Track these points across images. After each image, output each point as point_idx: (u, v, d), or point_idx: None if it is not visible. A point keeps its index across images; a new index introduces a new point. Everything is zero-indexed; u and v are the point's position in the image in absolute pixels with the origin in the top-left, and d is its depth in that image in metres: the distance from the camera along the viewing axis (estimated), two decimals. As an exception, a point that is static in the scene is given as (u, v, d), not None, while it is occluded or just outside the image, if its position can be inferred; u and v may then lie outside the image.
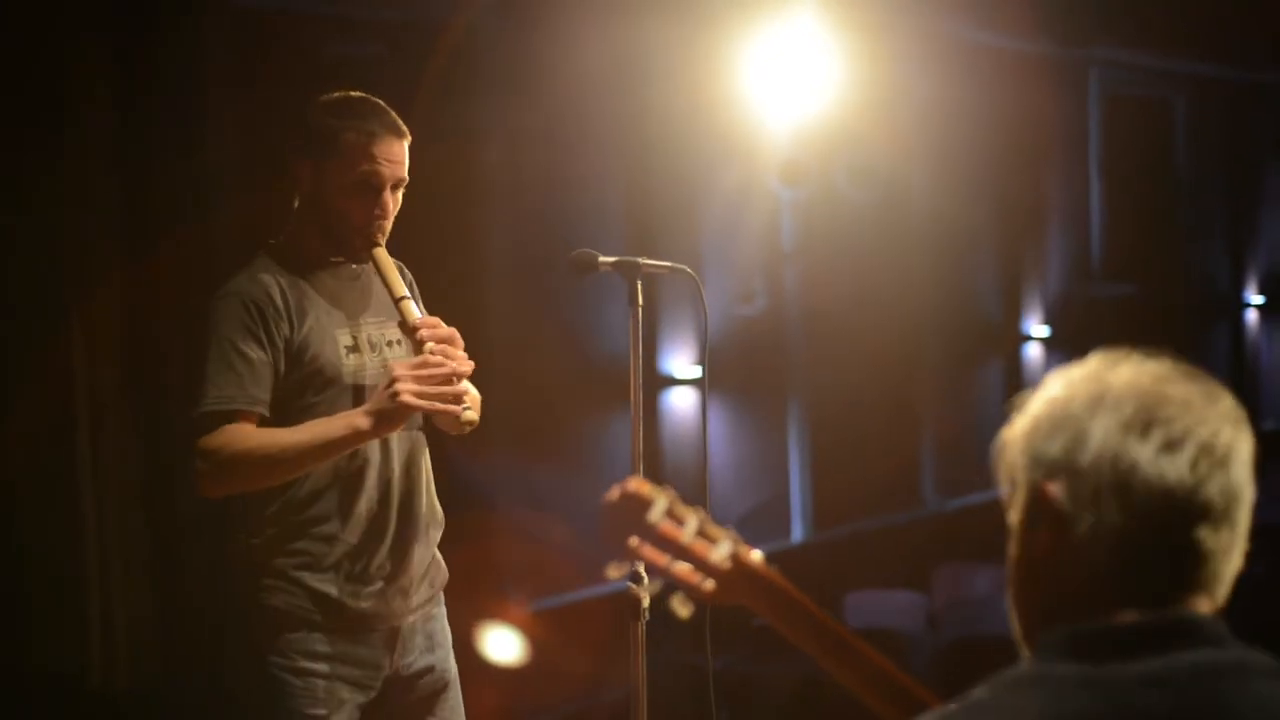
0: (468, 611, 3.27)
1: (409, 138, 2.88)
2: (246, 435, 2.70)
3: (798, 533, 8.31)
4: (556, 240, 6.68)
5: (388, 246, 2.88)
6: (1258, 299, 13.03)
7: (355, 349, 2.85)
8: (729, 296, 7.70)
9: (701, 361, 3.08)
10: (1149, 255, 11.53)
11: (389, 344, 2.91)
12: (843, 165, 7.78)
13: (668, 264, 2.97)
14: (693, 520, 1.47)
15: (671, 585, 1.48)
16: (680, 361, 7.34)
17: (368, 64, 5.52)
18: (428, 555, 2.95)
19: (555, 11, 6.32)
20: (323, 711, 2.80)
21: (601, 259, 2.92)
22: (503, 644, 4.80)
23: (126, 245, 4.69)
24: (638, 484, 1.47)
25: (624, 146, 7.10)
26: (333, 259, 2.88)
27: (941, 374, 9.36)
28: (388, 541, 2.85)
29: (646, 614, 2.81)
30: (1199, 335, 12.21)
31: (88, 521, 4.54)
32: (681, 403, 7.44)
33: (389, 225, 2.86)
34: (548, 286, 6.40)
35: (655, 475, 6.19)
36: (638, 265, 2.91)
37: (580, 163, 6.84)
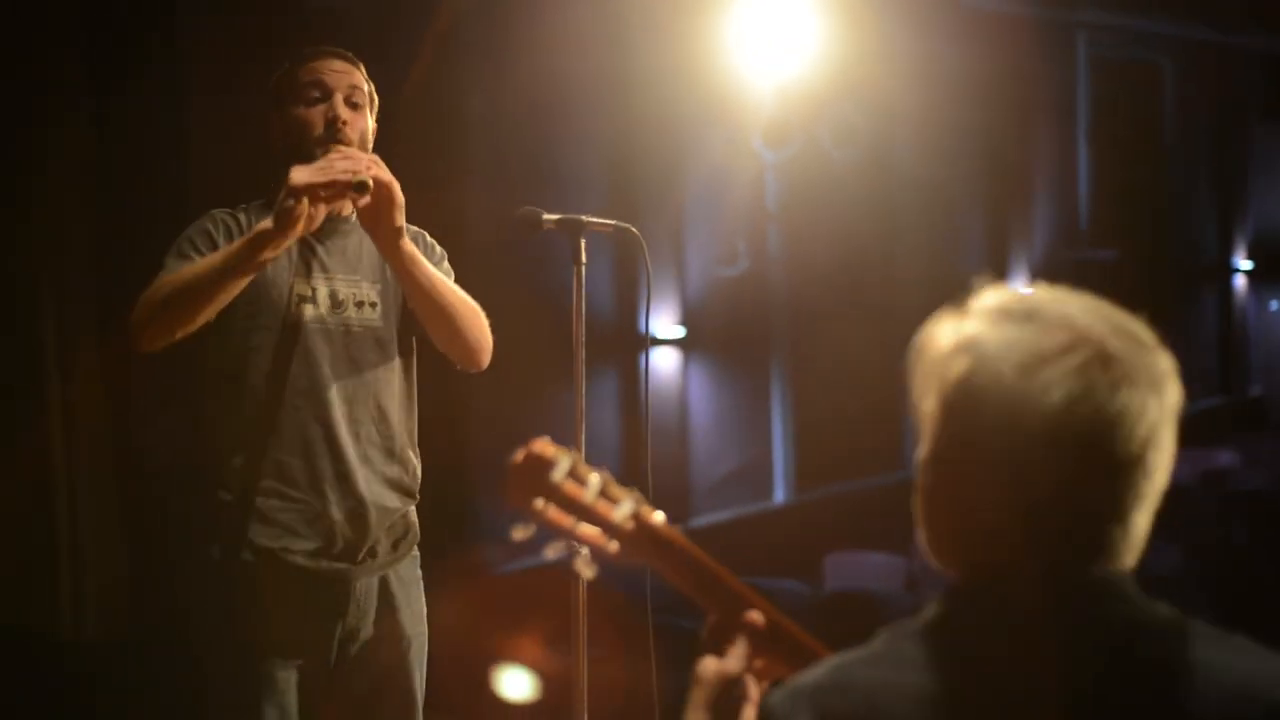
0: (441, 571, 3.20)
1: (359, 66, 2.88)
2: (171, 275, 2.69)
3: (779, 494, 8.33)
4: (538, 203, 6.63)
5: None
6: (1246, 264, 12.99)
7: (312, 300, 2.79)
8: (712, 257, 7.68)
9: (645, 324, 3.07)
10: (1136, 220, 11.51)
11: (359, 304, 2.83)
12: (827, 126, 7.76)
13: (611, 222, 2.97)
14: (595, 480, 1.45)
15: (577, 546, 1.47)
16: (660, 321, 7.34)
17: (349, 18, 5.48)
18: (386, 511, 2.83)
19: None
20: (268, 669, 2.75)
21: (545, 217, 2.91)
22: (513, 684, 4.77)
23: (98, 213, 4.67)
24: (542, 445, 1.45)
25: (607, 108, 7.07)
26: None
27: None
28: (331, 498, 2.76)
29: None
30: (1186, 301, 12.19)
31: (57, 475, 4.54)
32: (662, 363, 7.44)
33: (353, 135, 2.80)
34: (529, 250, 6.37)
35: (638, 437, 6.11)
36: (581, 223, 2.91)
37: (562, 125, 6.81)
